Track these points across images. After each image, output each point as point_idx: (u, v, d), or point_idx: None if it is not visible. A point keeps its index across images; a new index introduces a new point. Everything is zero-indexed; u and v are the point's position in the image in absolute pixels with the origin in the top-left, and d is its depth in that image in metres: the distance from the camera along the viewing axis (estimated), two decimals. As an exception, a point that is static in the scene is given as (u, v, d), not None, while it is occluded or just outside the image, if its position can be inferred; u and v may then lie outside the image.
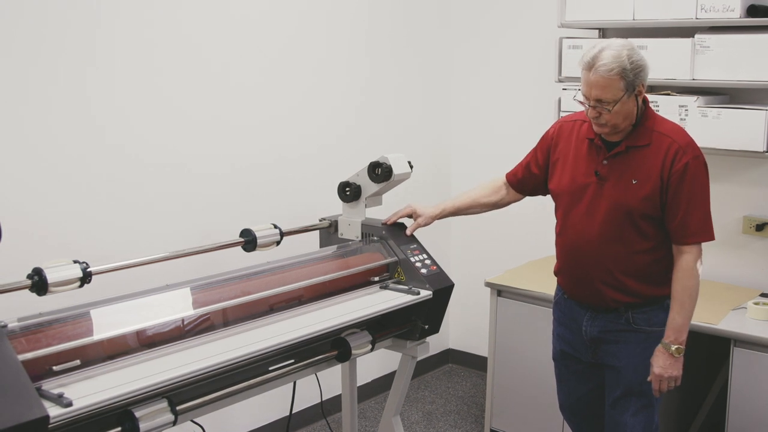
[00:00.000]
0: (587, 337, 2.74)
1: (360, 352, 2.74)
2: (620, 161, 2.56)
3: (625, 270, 2.60)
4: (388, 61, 4.27)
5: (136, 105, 3.17)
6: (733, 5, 3.22)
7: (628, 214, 2.54)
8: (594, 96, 2.47)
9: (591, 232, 2.60)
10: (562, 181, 2.70)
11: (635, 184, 2.53)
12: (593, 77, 2.45)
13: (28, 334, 2.11)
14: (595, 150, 2.62)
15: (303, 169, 3.85)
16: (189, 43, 3.33)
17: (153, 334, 2.33)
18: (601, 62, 2.43)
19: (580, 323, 2.74)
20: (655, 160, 2.52)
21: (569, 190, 2.67)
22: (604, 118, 2.49)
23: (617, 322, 2.66)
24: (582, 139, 2.67)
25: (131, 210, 3.18)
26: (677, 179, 2.50)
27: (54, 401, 1.95)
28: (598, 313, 2.69)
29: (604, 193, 2.57)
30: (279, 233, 2.83)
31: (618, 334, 2.67)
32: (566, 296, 2.79)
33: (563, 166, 2.71)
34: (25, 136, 2.85)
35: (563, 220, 2.71)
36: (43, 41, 2.87)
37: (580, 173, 2.64)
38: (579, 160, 2.66)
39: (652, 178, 2.51)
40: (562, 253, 2.75)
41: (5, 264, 2.39)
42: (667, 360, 2.55)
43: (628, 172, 2.55)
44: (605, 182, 2.58)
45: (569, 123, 2.75)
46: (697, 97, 3.39)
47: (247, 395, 2.50)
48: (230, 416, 3.47)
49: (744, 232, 3.62)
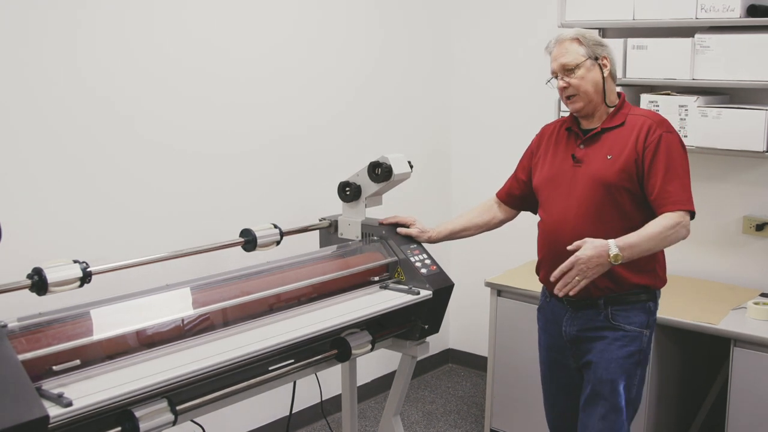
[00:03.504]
0: (567, 338, 2.70)
1: (360, 352, 2.74)
2: (595, 143, 2.62)
3: None
4: (388, 61, 4.27)
5: (135, 105, 3.17)
6: (733, 5, 3.22)
7: (605, 188, 2.55)
8: (559, 64, 2.60)
9: (569, 212, 2.60)
10: (542, 173, 2.74)
11: (610, 159, 2.56)
12: (556, 49, 2.62)
13: (28, 333, 2.11)
14: (573, 138, 2.68)
15: (303, 168, 3.85)
16: (191, 44, 3.33)
17: (153, 334, 2.33)
18: (560, 34, 2.64)
19: (561, 323, 2.71)
20: (629, 136, 2.56)
21: (548, 178, 2.70)
22: (573, 85, 2.57)
23: (596, 319, 2.62)
24: (561, 133, 2.74)
25: (131, 210, 3.18)
26: (652, 150, 2.52)
27: (54, 401, 1.95)
28: (578, 310, 2.65)
29: (582, 173, 2.60)
30: (279, 233, 2.83)
31: (596, 332, 2.63)
32: (548, 298, 2.77)
33: (543, 162, 2.76)
34: (24, 136, 2.85)
35: (545, 208, 2.72)
36: (45, 39, 2.87)
37: (558, 161, 2.69)
38: (557, 150, 2.72)
39: (625, 152, 2.54)
40: (542, 240, 2.73)
41: (5, 264, 2.39)
42: (597, 257, 2.40)
43: (603, 151, 2.59)
44: (581, 164, 2.62)
45: (550, 126, 2.83)
46: (697, 97, 3.39)
47: (247, 395, 2.50)
48: (230, 416, 3.47)
49: (744, 232, 3.62)
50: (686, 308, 3.26)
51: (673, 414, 3.53)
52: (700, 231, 3.72)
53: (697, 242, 3.73)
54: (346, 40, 4.02)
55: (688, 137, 3.41)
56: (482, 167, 4.52)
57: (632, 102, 3.62)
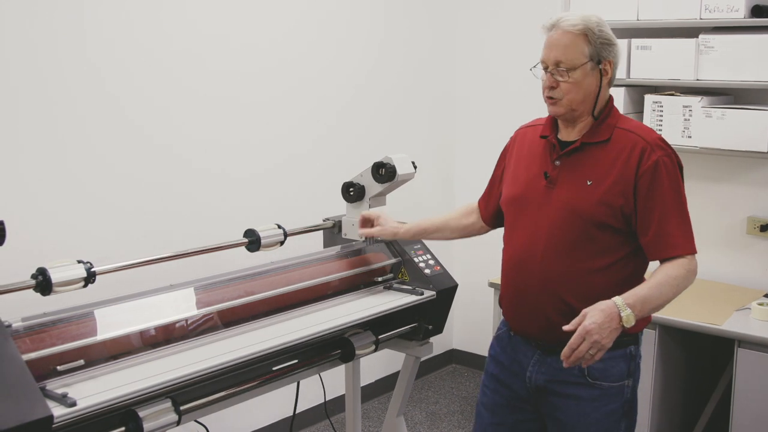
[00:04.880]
0: (531, 386, 2.25)
1: (363, 353, 2.74)
2: (574, 161, 2.16)
3: (576, 293, 2.11)
4: (393, 61, 4.27)
5: (140, 106, 3.17)
6: (738, 5, 3.21)
7: (581, 221, 2.11)
8: (553, 58, 2.12)
9: (537, 245, 2.17)
10: (509, 189, 2.30)
11: (590, 185, 2.11)
12: (555, 35, 2.12)
13: (32, 333, 2.11)
14: (548, 149, 2.22)
15: (307, 169, 3.85)
16: (195, 45, 3.33)
17: (157, 334, 2.34)
18: (565, 19, 2.12)
19: (525, 367, 2.26)
20: (616, 158, 2.11)
21: (515, 196, 2.26)
22: (562, 89, 2.12)
23: (569, 371, 2.15)
24: (535, 140, 2.27)
25: (135, 210, 3.18)
26: (647, 181, 2.08)
27: (58, 401, 1.95)
28: (548, 356, 2.20)
29: (554, 198, 2.16)
30: (283, 233, 2.83)
31: (568, 387, 2.19)
32: (511, 331, 2.32)
33: (513, 173, 2.32)
34: (30, 137, 2.86)
35: (509, 234, 2.30)
36: (54, 40, 2.87)
37: (529, 177, 2.23)
38: (530, 163, 2.25)
39: (611, 179, 2.10)
40: (505, 271, 2.30)
41: (9, 264, 2.39)
42: (607, 319, 1.95)
43: (582, 173, 2.14)
44: (554, 186, 2.16)
45: (525, 129, 2.39)
46: (701, 97, 3.39)
47: (251, 395, 2.50)
48: (234, 416, 3.47)
49: (748, 233, 3.61)
50: (690, 309, 3.26)
51: (676, 415, 3.52)
52: (704, 232, 3.71)
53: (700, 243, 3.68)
54: (349, 41, 4.02)
55: (692, 138, 3.41)
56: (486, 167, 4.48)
57: (635, 103, 3.63)
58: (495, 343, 2.41)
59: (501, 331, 2.39)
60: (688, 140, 3.43)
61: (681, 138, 3.45)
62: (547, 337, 2.19)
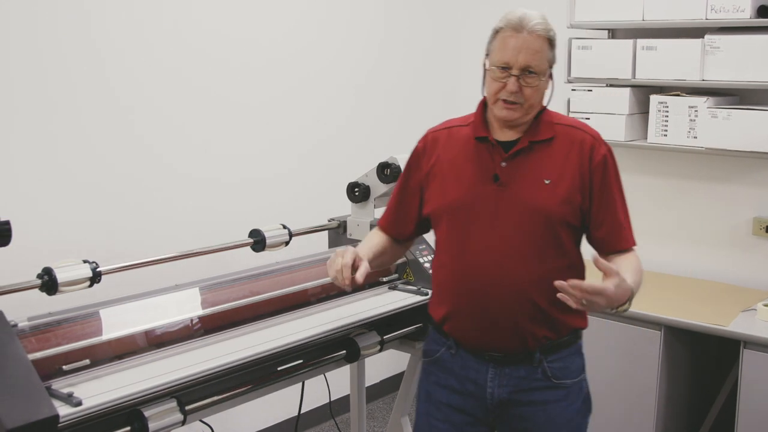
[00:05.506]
0: (493, 402, 2.14)
1: (369, 353, 2.74)
2: (522, 161, 2.09)
3: (547, 295, 2.01)
4: (398, 62, 4.27)
5: (146, 109, 3.18)
6: (744, 6, 3.21)
7: (547, 221, 2.06)
8: (522, 62, 2.02)
9: (497, 249, 2.06)
10: (447, 196, 2.15)
11: (548, 184, 2.07)
12: (526, 37, 2.02)
13: (38, 333, 2.12)
14: (488, 151, 2.12)
15: (312, 169, 3.85)
16: (201, 49, 3.33)
17: (162, 334, 2.34)
18: (534, 21, 2.04)
19: (483, 384, 2.15)
20: (568, 155, 2.09)
21: (461, 203, 2.12)
22: (525, 94, 2.04)
23: (532, 377, 2.12)
24: (467, 142, 2.17)
25: (140, 210, 3.19)
26: (600, 176, 2.09)
27: (64, 400, 1.95)
28: (505, 366, 2.12)
29: (511, 200, 2.07)
30: (288, 233, 2.83)
31: (534, 393, 2.13)
32: (453, 351, 2.19)
33: (444, 180, 2.17)
34: (35, 137, 2.87)
35: (457, 244, 2.13)
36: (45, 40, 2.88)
37: (472, 181, 2.12)
38: (467, 166, 2.14)
39: (568, 176, 2.08)
40: (453, 286, 2.15)
41: (15, 263, 2.39)
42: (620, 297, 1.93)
43: (536, 172, 2.08)
44: (507, 187, 2.08)
45: (440, 132, 2.27)
46: (707, 97, 3.38)
47: (256, 395, 2.50)
48: (238, 416, 3.47)
49: (754, 234, 3.60)
50: (696, 310, 3.25)
51: (682, 416, 3.52)
52: (709, 232, 3.72)
53: (706, 243, 3.72)
54: (352, 41, 4.03)
55: (697, 138, 3.41)
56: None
57: (640, 104, 3.64)
58: (433, 369, 2.24)
59: (439, 353, 2.22)
60: (693, 141, 3.43)
61: (687, 138, 3.44)
62: (509, 347, 2.08)
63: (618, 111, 3.61)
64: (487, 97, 2.13)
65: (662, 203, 3.84)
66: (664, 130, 3.50)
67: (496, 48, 2.07)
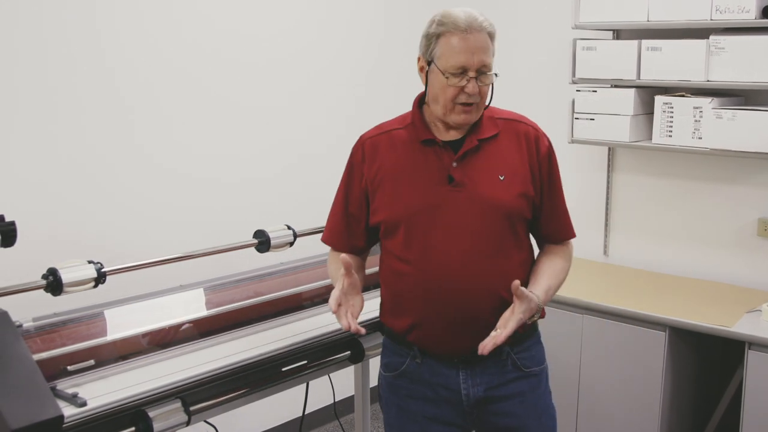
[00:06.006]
0: (469, 403, 2.12)
1: (373, 353, 2.73)
2: (473, 160, 2.07)
3: (508, 288, 2.01)
4: (401, 61, 4.27)
5: (152, 109, 3.18)
6: (748, 6, 3.20)
7: (506, 216, 2.06)
8: (478, 62, 1.99)
9: (467, 250, 2.03)
10: (401, 202, 2.08)
11: (503, 180, 2.06)
12: (477, 37, 1.98)
13: (43, 334, 2.12)
14: (435, 154, 2.08)
15: (317, 169, 3.85)
16: (205, 49, 3.34)
17: (166, 335, 2.34)
18: (480, 19, 2.00)
19: (456, 387, 2.12)
20: (516, 149, 2.10)
21: (418, 209, 2.05)
22: (482, 93, 2.03)
23: (503, 371, 2.12)
24: (409, 145, 2.11)
25: (146, 211, 3.19)
26: (547, 168, 2.11)
27: (68, 401, 1.96)
28: (475, 365, 2.10)
29: (468, 199, 2.04)
30: (293, 234, 2.83)
31: (509, 386, 2.13)
32: (419, 361, 2.13)
33: (394, 186, 2.10)
34: (40, 139, 2.87)
35: (418, 250, 2.06)
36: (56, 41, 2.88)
37: (426, 185, 2.07)
38: (417, 170, 2.08)
39: (520, 171, 2.08)
40: (425, 294, 2.06)
41: (21, 264, 2.40)
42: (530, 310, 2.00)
43: (489, 170, 2.07)
44: (463, 188, 2.05)
45: (379, 137, 2.19)
46: (712, 98, 3.38)
47: (260, 396, 2.50)
48: (243, 417, 3.47)
49: (759, 235, 3.60)
50: (700, 311, 3.25)
51: (687, 417, 3.51)
52: (714, 233, 3.71)
53: (711, 244, 3.71)
54: (356, 41, 4.03)
55: (702, 139, 3.40)
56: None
57: (645, 104, 3.63)
58: (402, 383, 2.18)
59: (404, 366, 2.16)
60: (698, 141, 3.42)
61: (691, 139, 3.44)
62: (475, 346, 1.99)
63: (623, 112, 3.60)
64: (439, 104, 2.05)
65: (667, 204, 3.83)
66: (669, 131, 3.50)
67: (444, 53, 2.01)
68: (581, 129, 3.75)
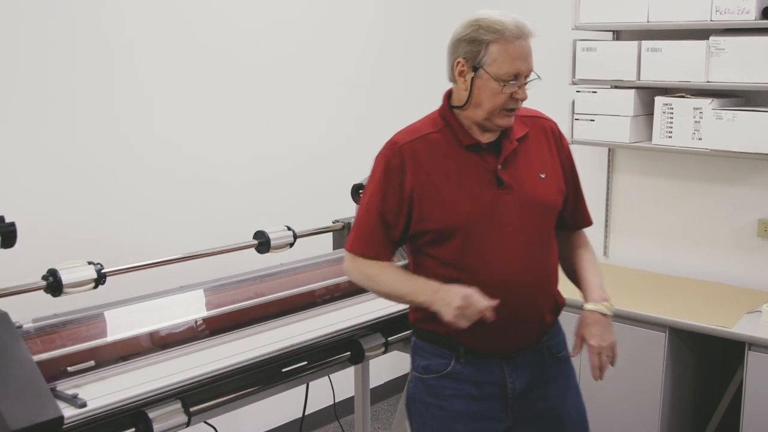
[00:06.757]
0: (513, 395, 2.13)
1: (373, 354, 2.74)
2: (514, 161, 2.08)
3: (553, 282, 2.15)
4: (401, 63, 4.27)
5: (152, 110, 3.19)
6: (748, 7, 3.20)
7: (551, 214, 2.13)
8: (529, 68, 2.04)
9: (524, 251, 2.06)
10: (455, 209, 2.04)
11: (544, 178, 2.10)
12: (525, 44, 2.01)
13: (43, 334, 2.12)
14: (480, 158, 2.07)
15: (316, 170, 3.85)
16: (205, 50, 3.34)
17: (167, 336, 2.34)
18: (528, 25, 2.03)
19: (503, 382, 2.12)
20: (546, 146, 2.15)
21: (474, 215, 2.04)
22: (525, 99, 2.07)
23: (542, 360, 2.16)
24: (453, 152, 2.08)
25: (146, 212, 3.19)
26: (569, 159, 2.20)
27: (68, 402, 1.96)
28: (516, 358, 2.12)
29: (516, 200, 2.05)
30: (292, 235, 2.83)
31: (546, 373, 2.17)
32: (463, 361, 2.11)
33: (445, 194, 2.05)
34: (41, 140, 2.87)
35: (476, 255, 2.04)
36: (59, 42, 2.89)
37: (476, 190, 2.05)
38: (465, 177, 2.06)
39: (554, 167, 2.14)
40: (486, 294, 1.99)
41: (21, 265, 2.40)
42: (601, 324, 2.07)
43: (530, 169, 2.10)
44: (511, 189, 2.05)
45: (415, 142, 2.13)
46: (712, 99, 3.38)
47: (260, 397, 2.51)
48: (243, 418, 3.48)
49: (759, 235, 3.60)
50: (700, 312, 3.25)
51: (687, 418, 3.51)
52: (714, 234, 3.71)
53: (711, 245, 3.71)
54: (360, 42, 4.03)
55: (702, 140, 3.40)
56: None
57: (645, 105, 3.63)
58: (446, 383, 2.13)
59: (449, 368, 2.12)
60: (698, 142, 3.42)
61: (691, 140, 3.44)
62: (529, 340, 2.11)
63: (623, 113, 3.60)
64: (484, 109, 2.04)
65: (667, 205, 3.83)
66: (669, 132, 3.50)
67: (497, 60, 1.99)
68: (581, 130, 3.75)
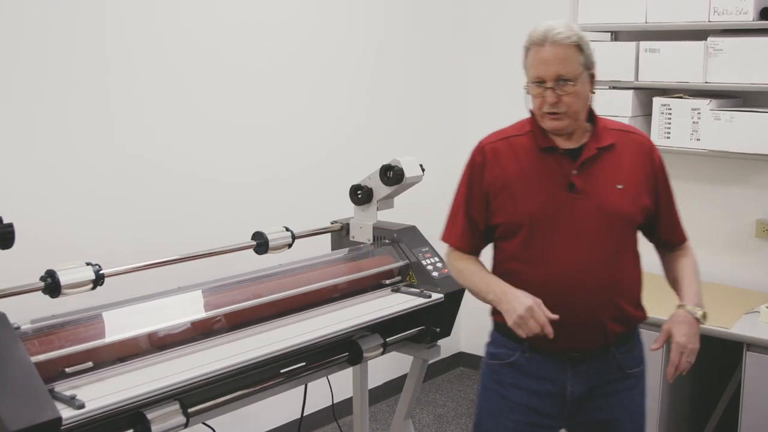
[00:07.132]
0: (572, 398, 2.19)
1: (371, 355, 2.74)
2: (591, 168, 2.15)
3: (622, 293, 2.17)
4: (401, 65, 4.27)
5: (149, 110, 3.18)
6: (746, 8, 3.20)
7: (624, 225, 2.17)
8: (553, 73, 2.07)
9: (586, 256, 2.12)
10: (524, 207, 2.16)
11: (621, 189, 2.15)
12: (551, 50, 2.07)
13: (41, 335, 2.13)
14: (556, 161, 2.16)
15: (315, 171, 3.85)
16: (203, 50, 3.34)
17: (165, 337, 2.34)
18: (556, 31, 2.08)
19: (562, 383, 2.19)
20: (633, 160, 2.19)
21: (540, 214, 2.14)
22: (565, 102, 2.08)
23: (608, 370, 2.20)
24: (531, 153, 2.19)
25: (144, 213, 3.19)
26: (663, 177, 2.24)
27: (66, 403, 1.96)
28: (582, 364, 2.18)
29: (588, 207, 2.13)
30: (291, 236, 2.83)
31: (609, 386, 2.21)
32: (528, 355, 2.20)
33: (516, 191, 2.18)
34: (38, 141, 2.87)
35: (538, 253, 2.15)
36: (54, 45, 2.88)
37: (547, 191, 2.15)
38: (538, 176, 2.17)
39: (638, 181, 2.18)
40: (542, 295, 2.07)
41: (18, 266, 2.40)
42: (692, 328, 2.12)
43: (608, 178, 2.15)
44: (582, 195, 2.13)
45: (499, 142, 2.26)
46: (710, 100, 3.38)
47: (259, 398, 2.51)
48: (241, 418, 3.47)
49: (757, 236, 3.60)
50: (699, 312, 3.25)
51: (685, 419, 3.51)
52: (712, 234, 3.71)
53: (709, 246, 3.71)
54: (358, 43, 4.03)
55: (700, 141, 3.40)
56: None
57: (643, 106, 3.63)
58: (508, 371, 2.24)
59: (513, 358, 2.22)
60: (696, 143, 3.42)
61: (690, 141, 3.44)
62: (589, 346, 2.16)
63: (621, 113, 3.60)
64: (535, 113, 2.19)
65: (665, 205, 3.83)
66: (667, 133, 3.50)
67: (528, 65, 2.14)
68: (579, 130, 3.75)
